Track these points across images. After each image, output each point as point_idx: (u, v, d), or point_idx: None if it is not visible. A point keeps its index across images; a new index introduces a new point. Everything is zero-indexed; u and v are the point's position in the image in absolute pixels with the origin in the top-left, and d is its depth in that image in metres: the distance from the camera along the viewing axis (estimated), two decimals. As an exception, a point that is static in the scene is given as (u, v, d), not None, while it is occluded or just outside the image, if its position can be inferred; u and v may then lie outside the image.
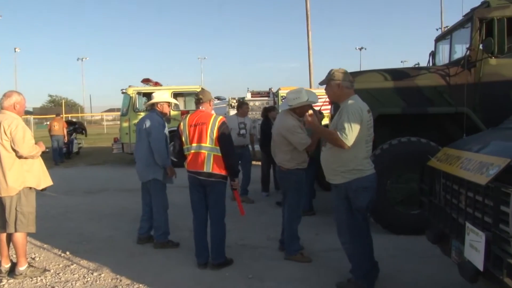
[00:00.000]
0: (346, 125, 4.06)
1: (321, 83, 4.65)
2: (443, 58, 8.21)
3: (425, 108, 6.61)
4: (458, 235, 3.40)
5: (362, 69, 10.49)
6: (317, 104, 5.67)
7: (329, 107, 7.89)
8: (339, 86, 4.29)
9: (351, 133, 4.05)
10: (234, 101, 17.25)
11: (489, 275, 2.88)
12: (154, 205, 6.16)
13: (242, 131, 9.29)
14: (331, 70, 4.38)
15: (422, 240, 4.58)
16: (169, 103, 6.40)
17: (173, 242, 6.16)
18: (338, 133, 4.09)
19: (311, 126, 4.43)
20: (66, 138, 18.18)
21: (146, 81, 16.63)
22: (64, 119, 20.63)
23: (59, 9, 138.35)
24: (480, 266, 2.92)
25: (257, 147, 9.99)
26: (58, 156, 17.56)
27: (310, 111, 4.43)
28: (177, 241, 6.21)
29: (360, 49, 58.44)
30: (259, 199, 9.34)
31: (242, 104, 9.72)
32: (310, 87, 21.10)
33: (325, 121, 9.43)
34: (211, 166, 5.14)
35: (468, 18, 6.97)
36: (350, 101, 4.24)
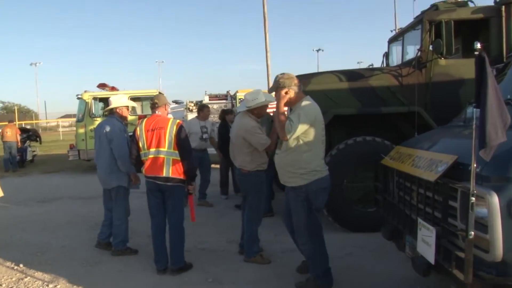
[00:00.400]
0: (295, 119, 4.07)
1: (270, 91, 4.64)
2: (396, 59, 8.43)
3: (379, 108, 6.76)
4: (411, 231, 3.49)
5: (320, 70, 10.64)
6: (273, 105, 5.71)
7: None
8: (288, 92, 4.28)
9: (297, 128, 4.06)
10: (192, 104, 17.16)
11: (440, 268, 2.98)
12: (116, 211, 6.04)
13: (205, 135, 9.25)
14: (277, 77, 4.36)
15: (378, 236, 4.67)
16: (128, 107, 6.27)
17: (131, 249, 6.06)
18: (287, 121, 4.09)
19: (277, 101, 4.30)
20: (19, 144, 17.62)
21: (102, 86, 16.31)
22: (17, 126, 19.99)
23: (9, 13, 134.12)
24: (431, 259, 3.00)
25: (211, 150, 9.95)
26: (10, 164, 17.00)
27: (288, 89, 4.29)
28: (135, 247, 6.11)
29: (318, 50, 59.21)
30: (218, 202, 9.32)
31: (203, 107, 9.64)
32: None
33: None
34: (170, 170, 5.09)
35: (419, 21, 7.19)
36: (304, 102, 4.27)
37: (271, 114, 6.11)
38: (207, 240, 6.55)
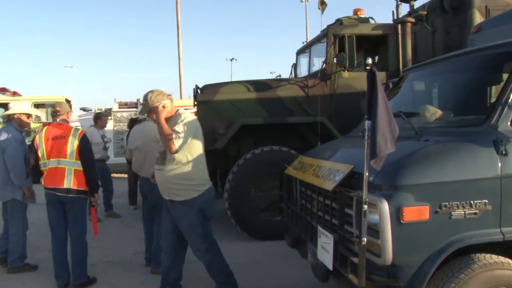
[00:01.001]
0: (180, 130, 4.01)
1: (142, 112, 4.47)
2: (303, 70, 8.70)
3: (285, 118, 6.94)
4: (312, 239, 3.59)
5: (233, 80, 10.74)
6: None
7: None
8: (165, 105, 4.16)
9: (182, 139, 4.02)
10: (102, 111, 16.59)
11: (338, 274, 3.09)
12: (12, 226, 5.67)
13: (108, 145, 8.98)
14: (146, 96, 4.21)
15: (284, 244, 4.76)
16: (28, 115, 5.81)
17: (30, 265, 5.71)
18: (174, 134, 4.00)
19: (157, 117, 4.09)
20: None
21: (2, 90, 15.36)
22: None
23: None
24: (330, 265, 3.11)
25: (120, 159, 9.68)
26: None
27: (164, 103, 4.16)
28: (35, 263, 5.78)
29: (231, 59, 59.59)
30: (126, 213, 9.09)
31: (101, 116, 9.30)
32: (181, 97, 21.08)
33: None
34: (71, 181, 4.88)
35: (324, 34, 7.48)
36: (183, 113, 4.21)
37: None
38: (113, 253, 6.36)
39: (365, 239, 2.69)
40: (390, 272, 2.78)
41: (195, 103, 7.44)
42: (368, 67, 2.79)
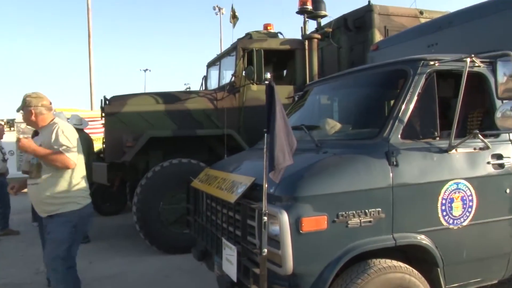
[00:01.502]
0: (67, 142, 3.84)
1: (17, 110, 4.30)
2: (214, 82, 8.74)
3: (194, 131, 6.93)
4: (218, 251, 3.59)
5: (146, 91, 10.57)
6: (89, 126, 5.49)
7: (102, 129, 7.75)
8: (33, 111, 3.98)
9: (75, 151, 3.88)
10: (3, 123, 15.65)
11: (242, 285, 3.11)
12: None
13: (6, 156, 8.45)
14: (25, 96, 4.03)
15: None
16: None
17: None
18: (63, 152, 3.81)
19: (25, 149, 3.84)
20: None
21: None
22: None
23: None
24: (234, 277, 3.13)
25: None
26: None
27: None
28: None
29: (145, 70, 58.48)
30: (28, 230, 8.58)
31: None
32: (91, 108, 20.37)
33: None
34: None
35: (234, 47, 7.58)
36: (59, 122, 4.03)
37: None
38: (12, 273, 5.98)
39: (266, 250, 2.74)
40: (292, 282, 2.86)
41: (103, 114, 7.24)
42: (266, 81, 2.84)
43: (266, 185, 2.76)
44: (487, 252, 3.49)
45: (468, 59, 3.22)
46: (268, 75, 2.89)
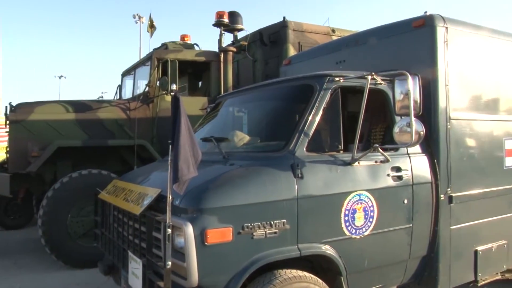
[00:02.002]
0: None
1: None
2: (129, 92, 8.56)
3: (105, 141, 6.74)
4: (124, 265, 3.50)
5: (61, 98, 10.16)
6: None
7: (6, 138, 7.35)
8: None
9: None
10: None
11: (147, 299, 3.05)
12: None
13: None
14: None
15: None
16: None
17: None
18: None
19: None
20: None
21: None
22: None
23: None
24: (139, 291, 3.06)
25: None
26: None
27: None
28: None
29: (60, 77, 55.96)
30: None
31: None
32: (-1, 116, 19.19)
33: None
34: None
35: (149, 57, 7.49)
36: None
37: None
38: None
39: (170, 263, 2.72)
40: (197, 294, 2.84)
41: (7, 122, 6.87)
42: (172, 93, 2.85)
43: (171, 197, 2.74)
44: (387, 259, 3.68)
45: (369, 77, 3.39)
46: (174, 87, 2.89)
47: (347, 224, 3.32)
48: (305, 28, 7.73)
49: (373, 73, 3.44)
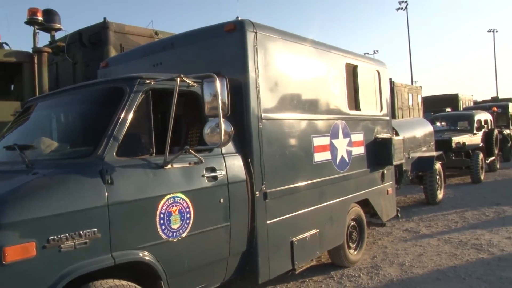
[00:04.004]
0: None
1: None
2: None
3: None
4: None
5: None
6: None
7: None
8: None
9: None
10: None
11: None
12: None
13: None
14: None
15: None
16: None
17: None
18: None
19: None
20: None
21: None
22: None
23: None
24: None
25: None
26: None
27: None
28: None
29: None
30: None
31: None
32: None
33: None
34: None
35: None
36: None
37: None
38: None
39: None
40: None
41: None
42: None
43: None
44: (208, 259, 3.73)
45: (178, 79, 3.40)
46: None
47: (163, 227, 3.29)
48: (127, 30, 7.54)
49: (182, 75, 3.46)
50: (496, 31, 70.27)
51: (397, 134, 7.92)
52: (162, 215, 3.27)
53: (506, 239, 6.70)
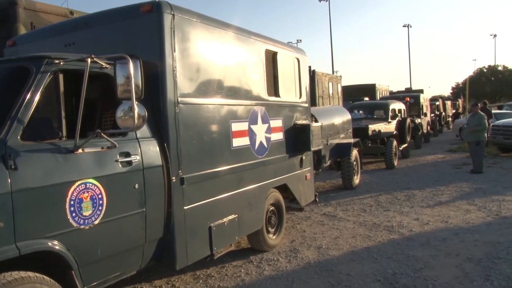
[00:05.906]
0: None
1: None
2: None
3: None
4: None
5: None
6: None
7: None
8: None
9: None
10: None
11: None
12: None
13: None
14: None
15: None
16: None
17: None
18: None
19: None
20: None
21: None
22: None
23: None
24: None
25: None
26: None
27: None
28: None
29: None
30: None
31: None
32: None
33: None
34: None
35: None
36: None
37: None
38: None
39: None
40: None
41: None
42: None
43: None
44: (123, 246, 3.63)
45: (89, 59, 3.25)
46: None
47: (74, 215, 3.15)
48: (38, 7, 7.10)
49: (93, 56, 3.30)
50: (411, 27, 74.10)
51: (316, 121, 8.11)
52: (72, 202, 3.13)
53: (414, 220, 7.08)
